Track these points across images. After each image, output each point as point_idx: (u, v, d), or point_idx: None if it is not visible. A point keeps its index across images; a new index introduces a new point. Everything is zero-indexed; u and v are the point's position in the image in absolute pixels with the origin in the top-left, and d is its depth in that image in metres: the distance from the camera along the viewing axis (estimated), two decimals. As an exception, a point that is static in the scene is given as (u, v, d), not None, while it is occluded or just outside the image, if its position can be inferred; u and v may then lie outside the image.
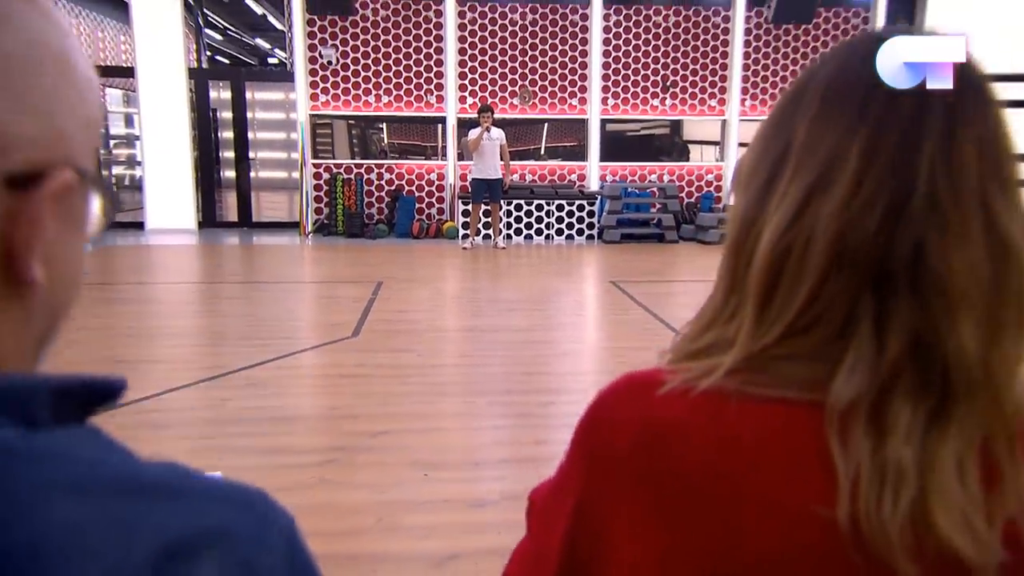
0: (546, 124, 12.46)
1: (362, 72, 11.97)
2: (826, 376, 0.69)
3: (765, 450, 0.71)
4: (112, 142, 13.13)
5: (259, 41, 17.20)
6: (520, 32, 12.11)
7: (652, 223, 11.74)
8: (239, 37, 16.92)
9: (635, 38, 12.26)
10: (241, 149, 12.51)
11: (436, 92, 12.07)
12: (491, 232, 10.85)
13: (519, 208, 11.55)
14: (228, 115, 12.47)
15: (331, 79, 11.96)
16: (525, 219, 11.66)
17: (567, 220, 11.80)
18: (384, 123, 12.33)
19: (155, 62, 11.68)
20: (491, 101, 11.69)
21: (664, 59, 12.33)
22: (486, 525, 2.84)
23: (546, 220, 11.77)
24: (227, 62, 17.26)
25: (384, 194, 12.23)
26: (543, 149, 12.55)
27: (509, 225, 11.49)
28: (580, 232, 11.81)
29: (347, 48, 11.93)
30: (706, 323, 0.78)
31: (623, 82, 12.32)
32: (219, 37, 15.99)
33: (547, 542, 0.81)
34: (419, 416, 3.97)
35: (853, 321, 0.70)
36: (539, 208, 11.68)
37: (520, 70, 12.20)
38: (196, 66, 12.31)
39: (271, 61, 18.17)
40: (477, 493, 3.10)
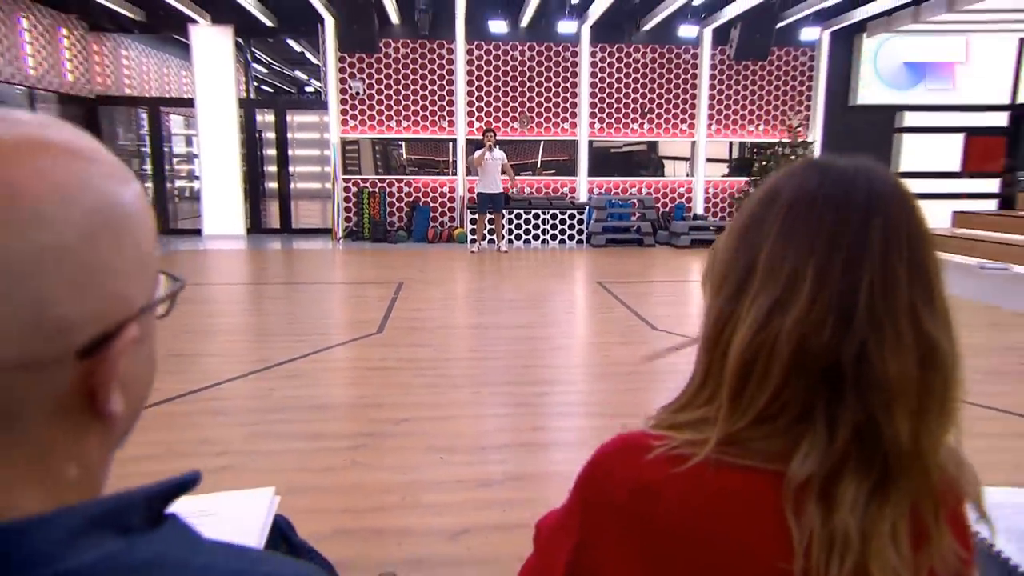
0: (542, 144, 12.49)
1: (385, 101, 12.01)
2: (787, 450, 0.72)
3: (734, 511, 0.74)
4: (175, 160, 13.08)
5: (298, 73, 17.12)
6: (519, 66, 12.17)
7: (633, 230, 11.78)
8: (281, 70, 16.86)
9: (617, 72, 12.33)
10: (282, 165, 12.48)
11: (448, 117, 12.11)
12: (495, 237, 10.78)
13: (519, 216, 11.56)
14: (271, 136, 12.45)
15: (358, 107, 11.99)
16: (524, 226, 11.67)
17: (560, 227, 11.83)
18: (403, 143, 12.32)
19: (211, 93, 11.75)
20: (495, 125, 11.75)
21: (642, 89, 12.41)
22: (492, 503, 2.82)
23: (542, 227, 11.80)
24: (271, 91, 17.20)
25: (403, 204, 12.27)
26: (539, 163, 12.57)
27: (511, 231, 11.46)
28: (571, 237, 11.84)
29: (372, 80, 11.96)
30: (686, 402, 0.82)
31: (607, 109, 12.39)
32: (264, 70, 15.96)
33: (551, 564, 0.85)
34: (434, 405, 3.94)
35: (809, 411, 0.72)
36: (536, 216, 11.71)
37: (519, 98, 12.25)
38: (245, 96, 12.29)
39: (308, 90, 18.09)
40: (484, 474, 3.06)
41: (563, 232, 11.83)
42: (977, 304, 7.00)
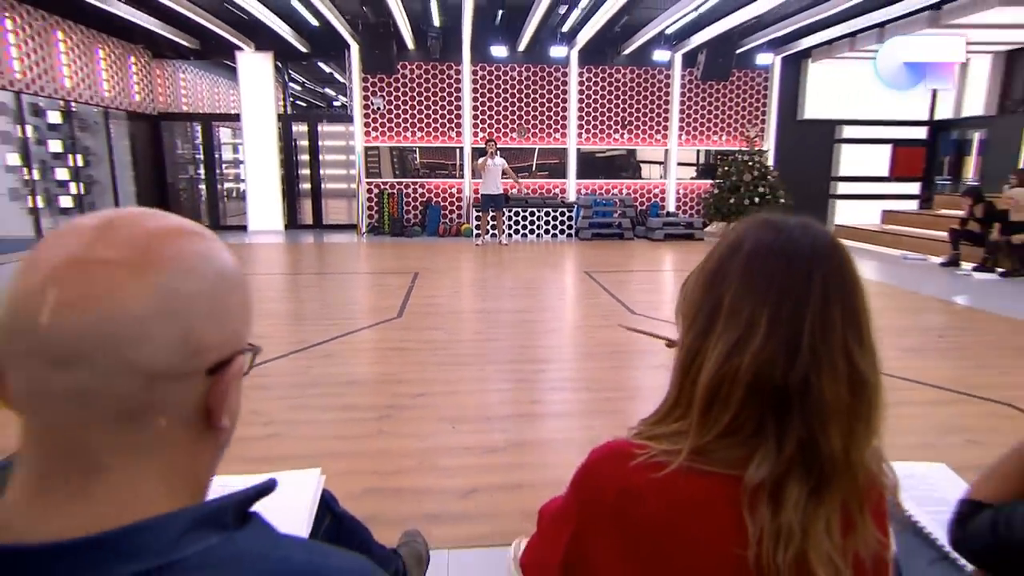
0: (536, 151, 12.39)
1: (401, 114, 11.92)
2: (744, 459, 0.75)
3: (701, 509, 0.77)
4: (224, 165, 12.99)
5: (327, 90, 16.96)
6: (517, 84, 12.06)
7: (615, 225, 11.71)
8: (313, 88, 16.71)
9: (602, 89, 12.24)
10: (314, 169, 12.42)
11: (455, 128, 12.03)
12: (497, 232, 10.76)
13: (516, 214, 11.49)
14: (305, 144, 12.35)
15: (379, 120, 11.91)
16: (521, 222, 11.60)
17: (552, 223, 11.77)
18: (417, 151, 12.22)
19: (254, 109, 11.67)
20: (495, 135, 11.71)
21: (622, 104, 12.32)
22: (497, 466, 2.81)
23: (536, 223, 11.74)
24: (304, 106, 17.03)
25: (418, 203, 12.21)
26: (534, 167, 12.48)
27: (510, 227, 11.42)
28: (562, 232, 11.78)
29: (391, 97, 11.86)
30: (661, 417, 0.84)
31: (592, 120, 12.31)
32: (299, 88, 15.81)
33: (551, 553, 0.87)
34: (446, 381, 3.89)
35: (762, 428, 0.75)
36: (531, 214, 11.65)
37: (517, 112, 12.16)
38: (283, 111, 12.18)
39: (335, 105, 17.92)
40: (490, 442, 3.04)
41: (555, 227, 11.78)
42: (900, 290, 7.00)
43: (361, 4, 9.83)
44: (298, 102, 16.42)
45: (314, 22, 10.37)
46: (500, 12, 10.36)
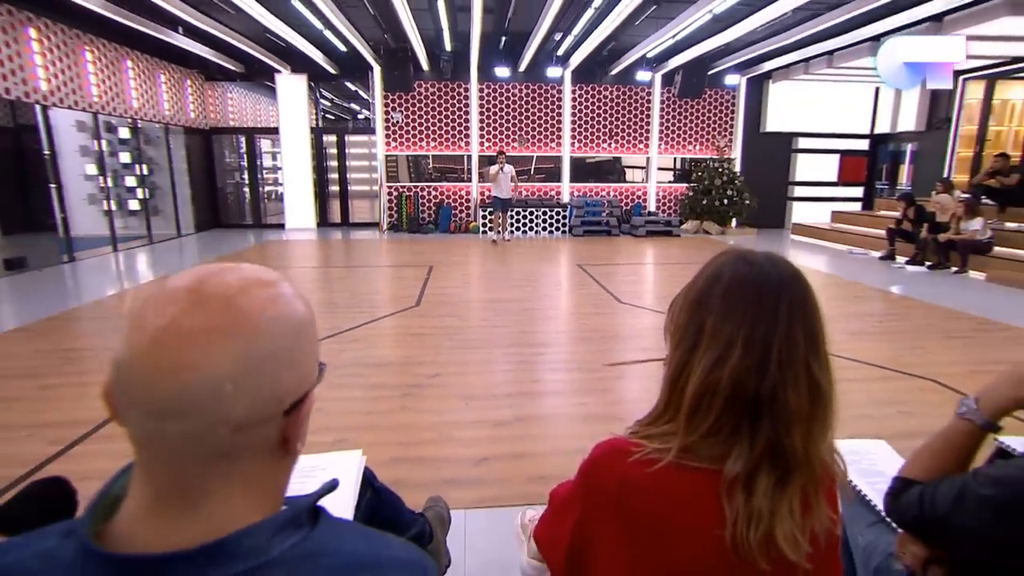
0: (534, 157, 12.29)
1: (418, 127, 11.80)
2: (723, 456, 0.77)
3: (688, 497, 0.78)
4: (264, 171, 12.91)
5: (353, 106, 16.81)
6: (518, 100, 11.95)
7: (603, 223, 11.62)
8: (340, 104, 16.56)
9: (592, 105, 12.10)
10: (341, 174, 12.33)
11: (464, 138, 11.92)
12: (501, 229, 10.55)
13: (518, 213, 11.39)
14: (333, 152, 12.24)
15: (398, 132, 11.79)
16: (522, 221, 11.54)
17: (548, 221, 11.68)
18: (430, 158, 12.12)
19: (291, 123, 11.56)
20: (501, 146, 11.59)
21: (609, 117, 12.20)
22: (505, 438, 2.80)
23: (535, 221, 11.64)
24: (333, 119, 16.88)
25: (432, 204, 12.12)
26: (532, 171, 12.39)
27: (512, 225, 11.37)
28: (557, 229, 11.69)
29: (408, 112, 11.74)
30: (653, 420, 0.85)
31: (584, 131, 12.19)
32: (328, 104, 15.62)
33: (561, 531, 0.88)
34: (459, 363, 3.86)
35: (738, 430, 0.77)
36: (531, 213, 11.56)
37: (518, 124, 12.05)
38: (315, 124, 12.09)
39: (360, 118, 17.77)
40: (498, 416, 3.03)
41: (551, 225, 11.71)
42: (846, 281, 6.98)
43: (382, 31, 9.73)
44: (327, 116, 16.28)
45: (342, 48, 10.27)
46: (503, 38, 10.25)
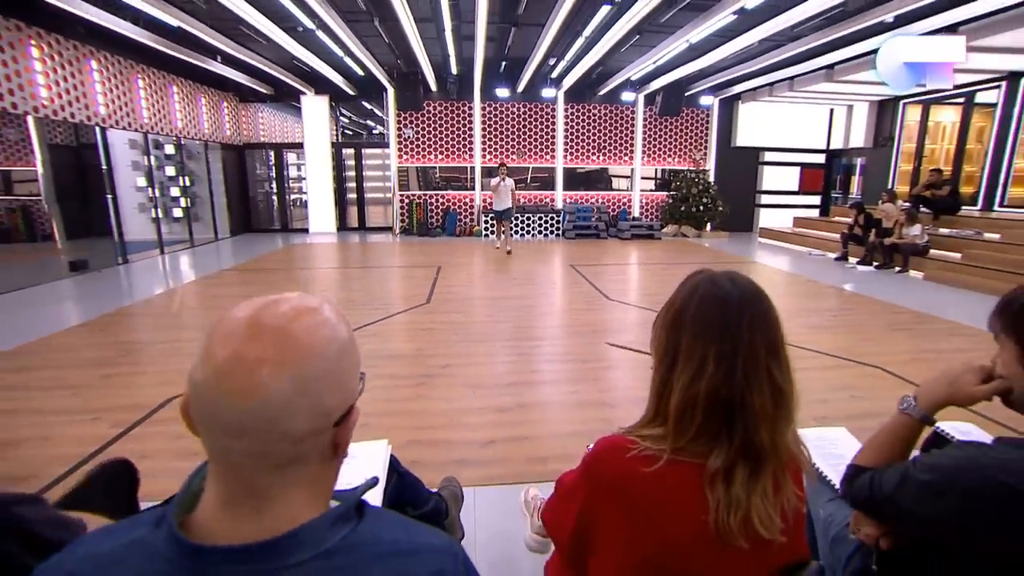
0: (530, 168, 12.21)
1: (427, 142, 11.73)
2: (707, 453, 0.79)
3: (677, 487, 0.80)
4: (290, 181, 12.83)
5: (369, 122, 16.73)
6: (516, 117, 11.89)
7: (593, 227, 11.60)
8: (358, 121, 16.49)
9: (582, 121, 12.05)
10: (359, 184, 12.27)
11: (468, 151, 11.85)
12: (502, 238, 9.60)
13: (516, 218, 11.38)
14: (351, 163, 12.16)
15: (409, 146, 11.72)
16: (520, 225, 11.51)
17: (544, 225, 11.66)
18: (438, 169, 12.05)
19: (314, 138, 11.47)
20: (502, 159, 11.54)
21: (598, 133, 12.13)
22: (508, 422, 2.79)
23: (531, 225, 11.63)
24: (351, 134, 16.81)
25: (439, 210, 12.06)
26: (529, 180, 12.32)
27: (513, 228, 11.30)
28: (552, 232, 11.67)
29: (419, 128, 11.66)
30: (645, 424, 0.87)
31: (575, 145, 12.12)
32: (347, 121, 15.54)
33: (566, 515, 0.89)
34: (466, 355, 3.83)
35: (718, 432, 0.80)
36: (528, 218, 11.54)
37: (516, 138, 11.97)
38: (335, 140, 12.02)
39: (375, 133, 17.68)
40: (501, 403, 3.01)
41: (546, 229, 11.67)
42: (806, 279, 6.98)
43: (396, 57, 9.68)
44: (346, 132, 16.22)
45: (360, 72, 10.22)
46: (503, 63, 10.21)
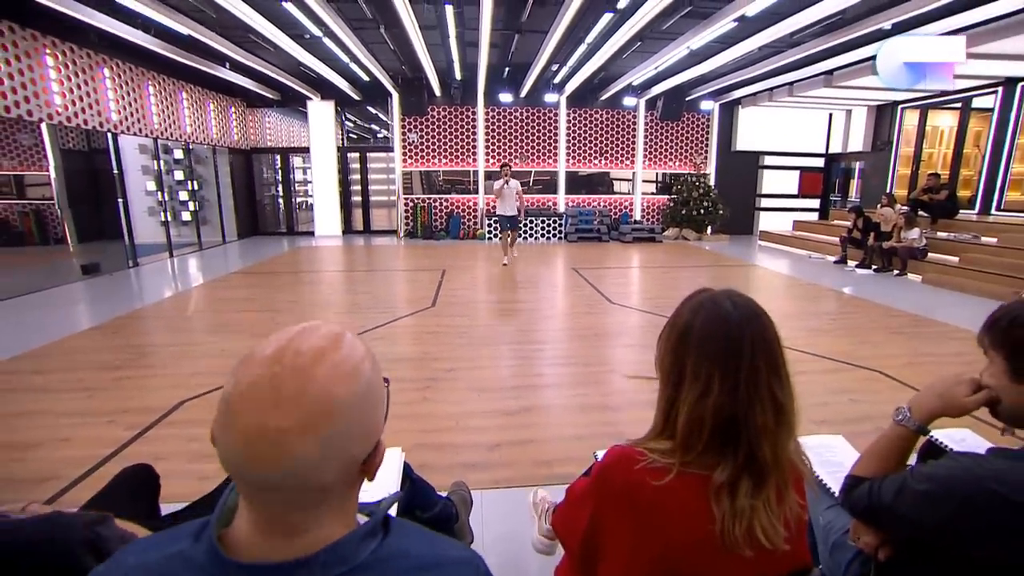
0: (533, 172, 12.22)
1: (431, 146, 11.76)
2: (713, 466, 0.81)
3: (685, 498, 0.81)
4: (296, 184, 12.88)
5: (373, 127, 16.76)
6: (519, 122, 11.91)
7: (594, 230, 11.59)
8: (363, 125, 16.52)
9: (584, 126, 12.07)
10: (364, 187, 12.30)
11: (472, 155, 11.87)
12: (506, 249, 8.47)
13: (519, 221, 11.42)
14: (356, 166, 12.18)
15: (414, 151, 11.75)
16: (524, 228, 11.50)
17: (547, 228, 11.66)
18: (442, 173, 12.07)
19: (320, 143, 11.52)
20: (506, 159, 11.55)
21: (600, 137, 12.14)
22: (513, 426, 2.77)
23: (535, 228, 11.64)
24: (356, 138, 16.82)
25: (443, 213, 12.08)
26: (531, 183, 12.32)
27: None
28: (554, 235, 11.68)
29: (423, 133, 11.69)
30: (653, 438, 0.88)
31: (577, 149, 12.14)
32: (352, 125, 15.54)
33: (577, 521, 0.91)
34: (471, 359, 3.80)
35: (724, 447, 0.81)
36: (531, 221, 11.53)
37: (519, 142, 11.99)
38: (340, 144, 12.06)
39: (380, 137, 17.71)
40: (507, 407, 2.99)
41: (548, 232, 11.68)
42: (805, 282, 6.96)
43: (401, 63, 9.72)
44: (351, 136, 16.26)
45: (365, 77, 10.26)
46: (507, 68, 10.23)
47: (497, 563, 1.79)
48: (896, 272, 7.56)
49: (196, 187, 9.95)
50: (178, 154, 9.59)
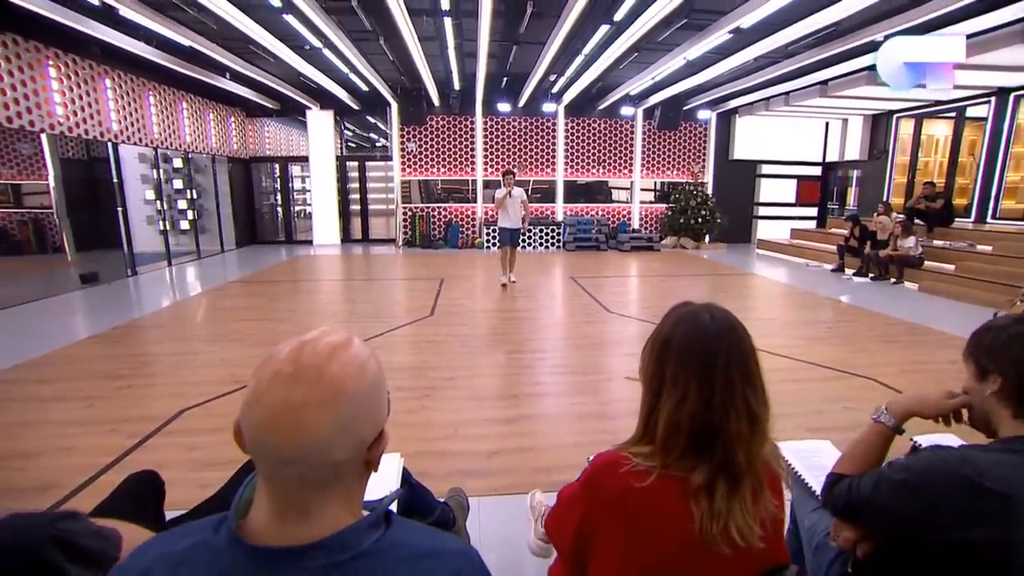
0: (531, 181, 12.25)
1: (430, 155, 11.83)
2: (691, 469, 0.85)
3: (666, 501, 0.86)
4: (295, 193, 12.93)
5: (372, 136, 16.88)
6: (518, 131, 11.99)
7: (593, 239, 11.64)
8: (362, 134, 16.63)
9: (582, 135, 12.16)
10: (362, 196, 12.35)
11: (471, 165, 11.94)
12: (507, 267, 7.31)
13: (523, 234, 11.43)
14: (355, 175, 12.25)
15: (412, 160, 11.83)
16: (522, 237, 11.52)
17: (545, 237, 11.71)
18: (440, 182, 12.12)
19: (319, 152, 11.61)
20: (507, 166, 11.53)
21: (598, 147, 12.23)
22: (513, 434, 2.80)
23: (533, 237, 11.69)
24: (355, 147, 16.95)
25: (441, 222, 12.13)
26: (530, 191, 12.41)
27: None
28: (552, 244, 11.72)
29: (422, 142, 11.78)
30: (635, 443, 0.93)
31: (575, 158, 12.22)
32: (351, 134, 15.65)
33: (568, 523, 0.95)
34: (471, 367, 3.83)
35: (700, 451, 0.86)
36: (528, 230, 11.54)
37: (518, 151, 12.06)
38: (339, 153, 12.13)
39: (379, 146, 17.82)
40: (506, 415, 3.02)
41: (547, 240, 11.73)
42: (803, 291, 7.00)
43: (400, 74, 9.83)
44: (350, 144, 16.37)
45: (364, 88, 10.37)
46: (505, 79, 10.35)
47: (494, 567, 1.77)
48: (893, 280, 7.63)
49: (195, 196, 10.02)
50: (177, 163, 9.67)
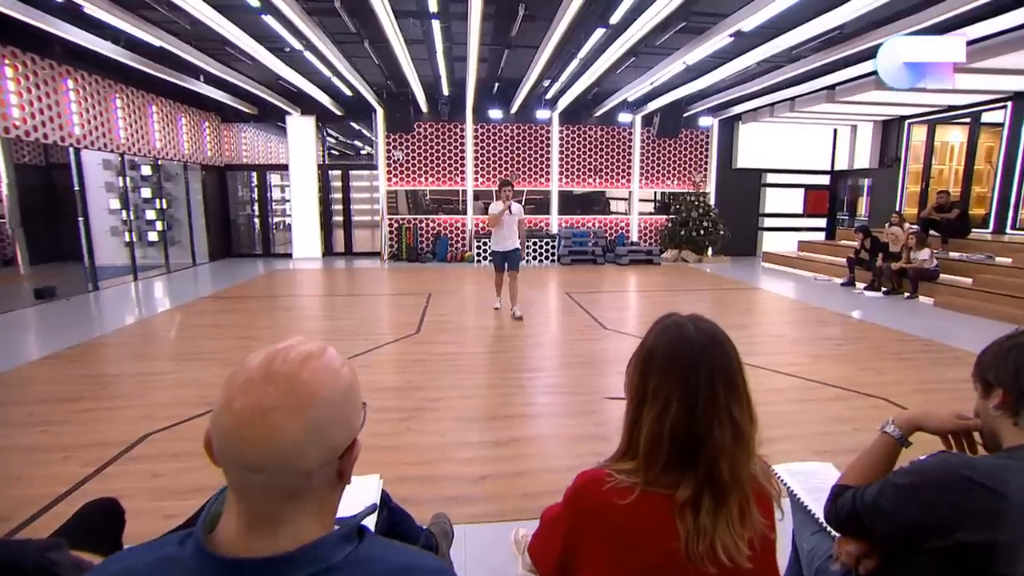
0: (525, 191, 12.31)
1: (417, 164, 11.93)
2: (675, 484, 0.89)
3: (650, 517, 0.89)
4: (273, 203, 12.96)
5: (357, 143, 17.00)
6: (510, 139, 12.13)
7: (589, 252, 11.70)
8: (345, 142, 16.75)
9: (578, 144, 12.31)
10: (346, 206, 12.42)
11: (460, 174, 12.03)
12: (510, 299, 6.43)
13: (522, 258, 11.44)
14: (338, 184, 12.33)
15: (399, 169, 11.91)
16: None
17: (540, 250, 11.75)
18: (428, 192, 12.19)
19: (299, 160, 11.70)
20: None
21: (595, 155, 12.38)
22: (503, 457, 2.82)
23: (526, 251, 11.64)
24: (338, 155, 17.06)
25: (429, 235, 12.18)
26: (523, 203, 12.47)
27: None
28: (547, 258, 11.77)
29: (409, 150, 11.88)
30: (618, 458, 0.96)
31: (571, 167, 12.34)
32: (334, 141, 15.76)
33: (552, 543, 0.99)
34: (459, 387, 3.85)
35: (684, 465, 0.89)
36: (522, 244, 11.63)
37: (510, 160, 12.17)
38: (321, 161, 12.19)
39: (363, 154, 17.95)
40: (496, 437, 3.05)
41: (541, 254, 11.76)
42: (809, 306, 7.06)
43: (385, 78, 9.96)
44: (332, 152, 16.48)
45: (348, 92, 10.47)
46: (496, 84, 10.50)
47: (480, 600, 1.80)
48: (907, 295, 7.73)
49: (165, 205, 10.02)
50: (146, 170, 9.70)
